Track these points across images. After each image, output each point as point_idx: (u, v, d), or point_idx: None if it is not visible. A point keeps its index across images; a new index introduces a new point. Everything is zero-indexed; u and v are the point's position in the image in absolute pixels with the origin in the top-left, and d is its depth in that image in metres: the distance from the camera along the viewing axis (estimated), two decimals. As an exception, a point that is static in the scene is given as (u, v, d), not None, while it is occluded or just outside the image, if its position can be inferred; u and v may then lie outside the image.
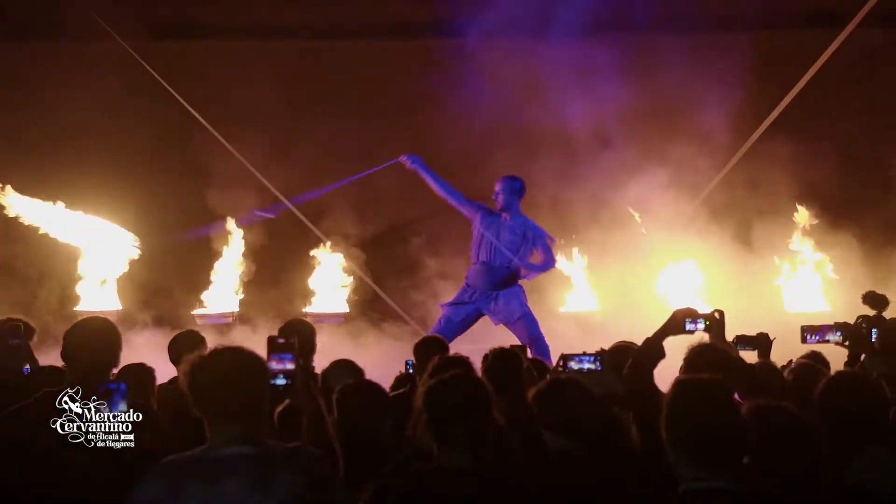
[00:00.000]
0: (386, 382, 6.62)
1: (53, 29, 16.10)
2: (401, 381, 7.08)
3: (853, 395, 4.89)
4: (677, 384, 3.91)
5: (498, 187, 11.83)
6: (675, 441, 3.83)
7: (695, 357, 5.45)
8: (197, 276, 14.66)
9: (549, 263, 11.84)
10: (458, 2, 15.17)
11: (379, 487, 4.28)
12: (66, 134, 15.43)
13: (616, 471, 5.02)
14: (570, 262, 14.61)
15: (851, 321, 7.35)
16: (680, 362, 5.57)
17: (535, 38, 14.88)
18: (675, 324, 6.03)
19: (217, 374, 4.09)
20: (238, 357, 4.13)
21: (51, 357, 7.95)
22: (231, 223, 14.71)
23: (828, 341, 6.63)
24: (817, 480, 4.17)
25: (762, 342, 7.01)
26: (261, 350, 4.34)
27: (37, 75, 15.88)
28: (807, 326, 6.72)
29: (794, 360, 7.06)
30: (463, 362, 5.80)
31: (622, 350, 6.90)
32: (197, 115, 14.92)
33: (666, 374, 5.91)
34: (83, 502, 4.85)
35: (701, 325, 6.10)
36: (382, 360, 10.89)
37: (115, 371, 5.58)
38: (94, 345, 5.34)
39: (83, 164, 15.09)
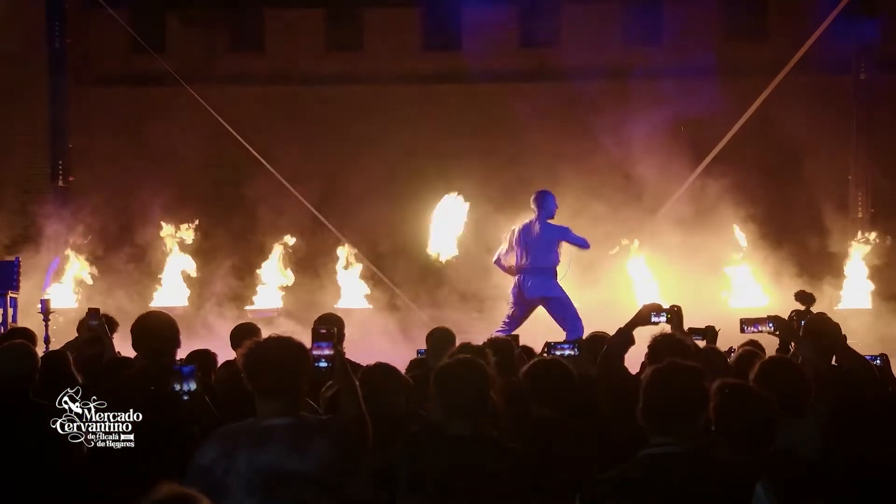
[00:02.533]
0: (401, 366, 6.59)
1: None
2: (414, 365, 7.06)
3: (782, 376, 4.89)
4: (663, 365, 3.89)
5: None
6: (649, 410, 3.82)
7: (657, 344, 5.45)
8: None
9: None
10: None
11: (396, 452, 4.29)
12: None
13: (590, 437, 5.03)
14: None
15: (785, 315, 7.35)
16: (646, 349, 5.56)
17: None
18: (643, 316, 6.03)
19: (266, 357, 4.09)
20: (283, 344, 4.14)
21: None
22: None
23: (762, 331, 6.60)
24: (769, 446, 4.16)
25: (709, 333, 7.01)
26: (306, 338, 4.35)
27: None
28: (745, 319, 6.69)
29: (736, 346, 7.05)
30: (476, 349, 5.79)
31: (596, 338, 6.90)
32: (250, 149, 15.05)
33: (635, 359, 5.93)
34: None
35: (664, 318, 6.09)
36: (398, 347, 10.91)
37: (179, 351, 5.40)
38: (157, 332, 5.29)
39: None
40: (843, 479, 4.60)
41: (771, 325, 6.44)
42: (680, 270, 13.87)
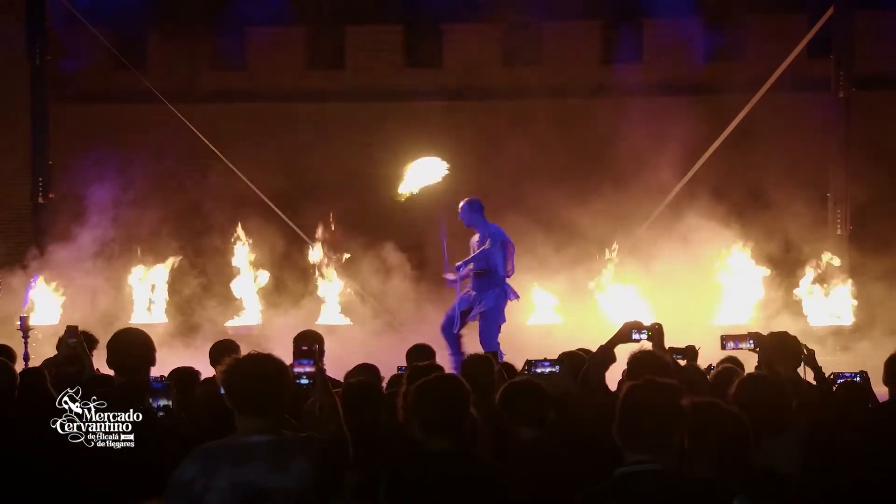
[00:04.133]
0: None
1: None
2: (393, 381, 7.05)
3: (761, 393, 4.87)
4: (638, 383, 3.87)
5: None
6: (624, 428, 3.80)
7: (636, 360, 5.44)
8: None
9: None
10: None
11: (376, 469, 4.28)
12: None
13: (570, 455, 5.02)
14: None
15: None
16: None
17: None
18: (624, 334, 6.02)
19: (246, 375, 4.08)
20: (263, 361, 4.13)
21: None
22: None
23: (742, 348, 6.60)
24: (745, 463, 4.16)
25: (690, 352, 7.01)
26: (287, 355, 4.34)
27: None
28: (725, 336, 6.69)
29: (715, 364, 7.06)
30: (433, 368, 5.76)
31: (577, 356, 6.89)
32: (231, 166, 15.08)
33: (616, 376, 5.93)
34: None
35: (645, 336, 6.07)
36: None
37: (154, 367, 5.37)
38: (132, 349, 5.26)
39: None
40: (823, 496, 4.61)
41: (751, 341, 6.46)
42: (660, 289, 13.90)
